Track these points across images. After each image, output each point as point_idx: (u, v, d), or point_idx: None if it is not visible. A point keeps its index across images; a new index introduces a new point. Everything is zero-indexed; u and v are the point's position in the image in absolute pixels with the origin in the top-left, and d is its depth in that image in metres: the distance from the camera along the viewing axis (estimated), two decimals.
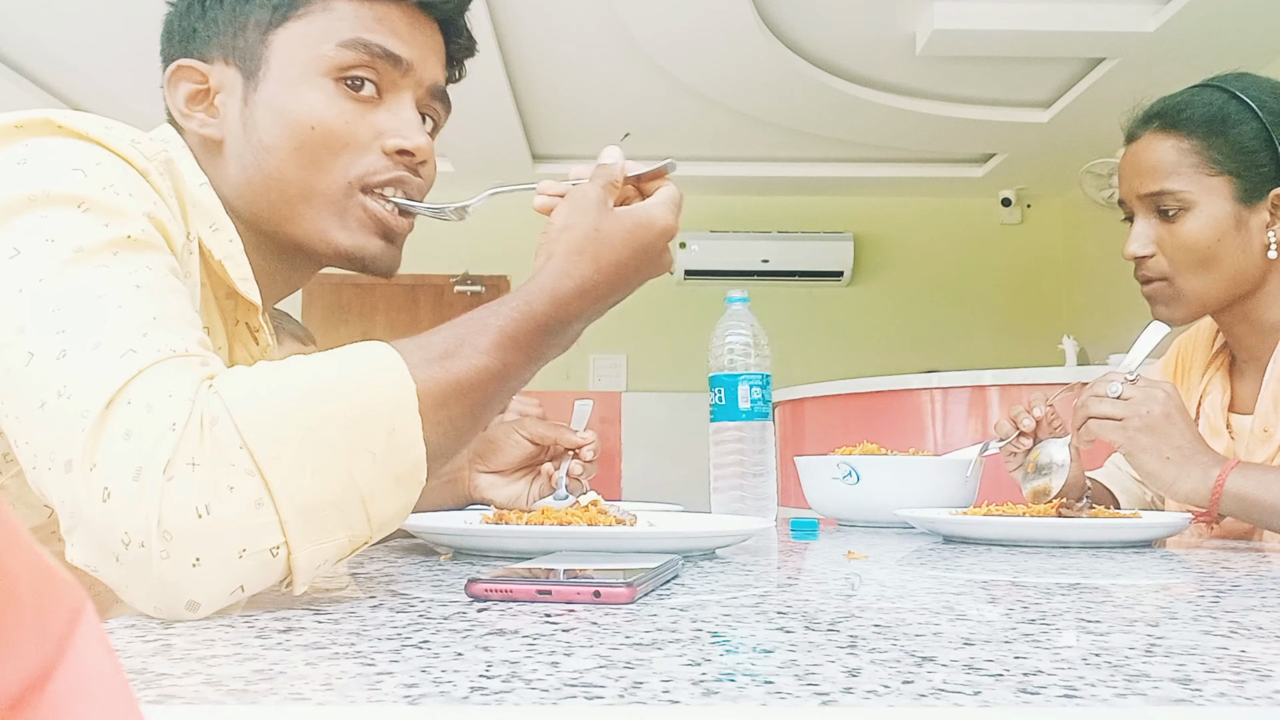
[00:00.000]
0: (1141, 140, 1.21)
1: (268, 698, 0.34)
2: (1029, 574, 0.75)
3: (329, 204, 0.77)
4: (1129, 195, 1.22)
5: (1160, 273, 1.19)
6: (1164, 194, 1.17)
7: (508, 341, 0.62)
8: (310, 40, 0.77)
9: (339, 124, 0.76)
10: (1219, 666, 0.39)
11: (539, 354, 0.65)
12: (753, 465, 1.18)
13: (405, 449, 0.55)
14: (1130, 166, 1.22)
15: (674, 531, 0.83)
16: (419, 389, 0.57)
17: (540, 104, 4.45)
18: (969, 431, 3.17)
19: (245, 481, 0.51)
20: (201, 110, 0.79)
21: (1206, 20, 3.34)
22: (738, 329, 1.21)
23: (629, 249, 0.68)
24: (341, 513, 0.53)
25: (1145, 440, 1.06)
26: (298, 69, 0.76)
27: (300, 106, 0.76)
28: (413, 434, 0.56)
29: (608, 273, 0.67)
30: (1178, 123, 1.18)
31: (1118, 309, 4.95)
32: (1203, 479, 1.04)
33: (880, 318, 5.58)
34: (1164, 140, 1.18)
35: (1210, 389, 1.27)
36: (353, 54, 0.77)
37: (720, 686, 0.35)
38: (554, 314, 0.65)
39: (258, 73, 0.77)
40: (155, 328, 0.55)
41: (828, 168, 5.17)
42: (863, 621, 0.50)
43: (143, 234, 0.61)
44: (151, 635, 0.45)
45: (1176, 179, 1.16)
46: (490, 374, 0.61)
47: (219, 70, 0.78)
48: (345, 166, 0.77)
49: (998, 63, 3.86)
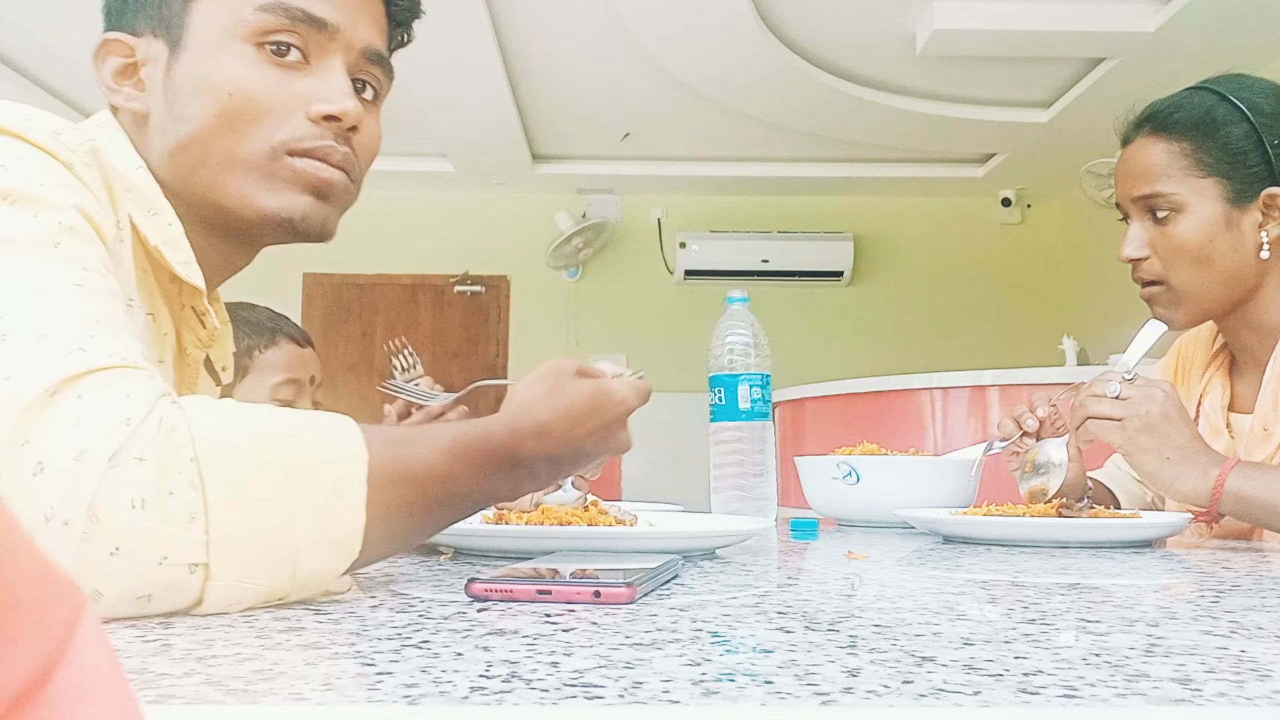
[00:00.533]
0: (1134, 144, 1.22)
1: (268, 698, 0.34)
2: (1029, 574, 0.75)
3: (252, 169, 0.75)
4: (1123, 198, 1.23)
5: (1156, 275, 1.20)
6: (1155, 196, 1.18)
7: (459, 450, 0.61)
8: (229, 5, 0.75)
9: (259, 90, 0.74)
10: (1219, 666, 0.39)
11: (486, 478, 0.63)
12: (753, 465, 1.18)
13: (346, 513, 0.54)
14: (1124, 170, 1.23)
15: (674, 531, 0.83)
16: (370, 461, 0.56)
17: (540, 104, 4.45)
18: (969, 431, 3.17)
19: (187, 493, 0.50)
20: (129, 84, 0.77)
21: (1206, 20, 3.34)
22: (738, 329, 1.21)
23: (587, 409, 0.67)
24: (270, 557, 0.52)
25: (1145, 440, 1.06)
26: (217, 35, 0.74)
27: (218, 73, 0.74)
28: (356, 500, 0.55)
29: (563, 424, 0.66)
30: (1168, 125, 1.19)
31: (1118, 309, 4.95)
32: (1202, 479, 1.04)
33: (880, 318, 5.58)
34: (1155, 143, 1.20)
35: (1210, 388, 1.28)
36: (271, 17, 0.74)
37: (720, 686, 0.35)
38: (508, 442, 0.63)
39: (179, 41, 0.75)
40: (101, 331, 0.55)
41: (828, 168, 5.17)
42: (863, 621, 0.50)
43: (74, 223, 0.60)
44: (151, 635, 0.45)
45: (1167, 181, 1.17)
46: (436, 474, 0.60)
47: (146, 42, 0.77)
48: (268, 133, 0.74)
49: (998, 63, 3.87)
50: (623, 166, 5.18)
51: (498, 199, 5.47)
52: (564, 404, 0.66)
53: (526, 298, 5.56)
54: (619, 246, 5.59)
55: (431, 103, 4.18)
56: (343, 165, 0.78)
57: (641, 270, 5.59)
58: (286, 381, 1.55)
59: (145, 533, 0.49)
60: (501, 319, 5.59)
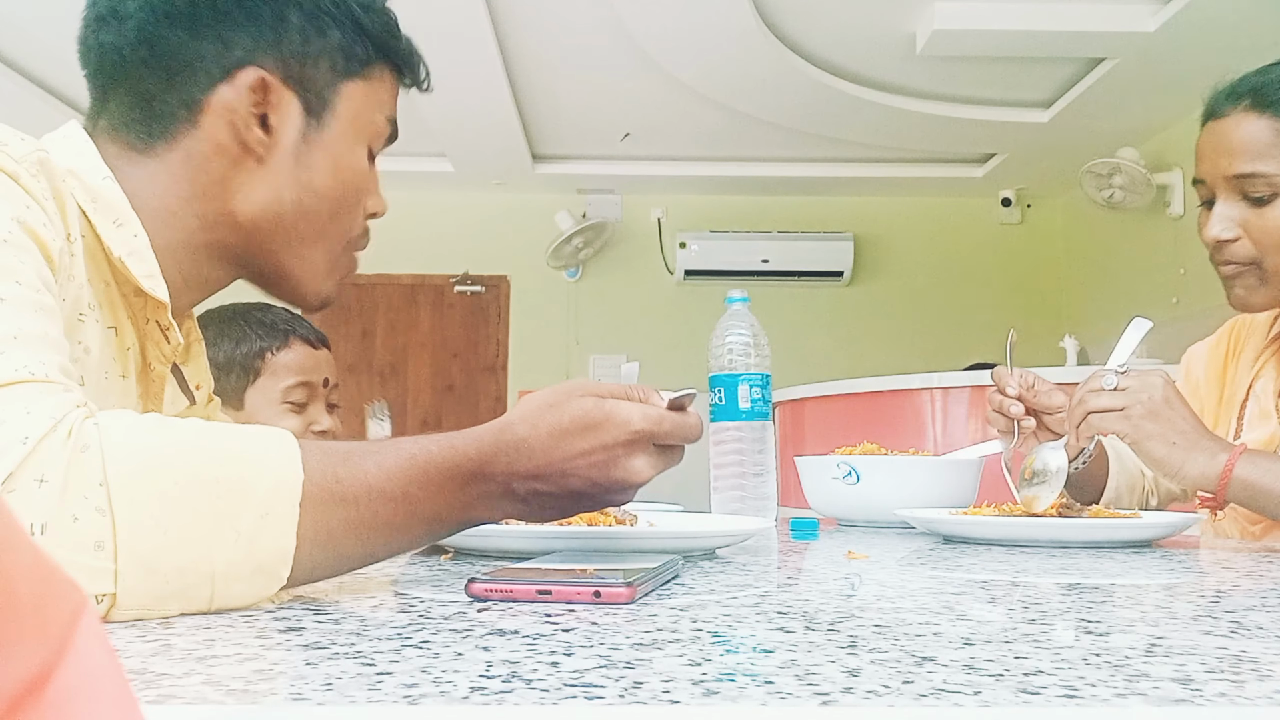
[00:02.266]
0: (1229, 119, 1.15)
1: (268, 698, 0.34)
2: (1029, 574, 0.75)
3: (329, 253, 0.83)
4: (1212, 175, 1.16)
5: (1247, 257, 1.15)
6: (1255, 176, 1.12)
7: (416, 469, 0.57)
8: (371, 104, 0.82)
9: (366, 189, 0.83)
10: (1219, 666, 0.39)
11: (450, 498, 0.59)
12: (753, 465, 1.18)
13: (273, 537, 0.51)
14: (1215, 146, 1.16)
15: (674, 531, 0.83)
16: (306, 481, 0.53)
17: (540, 104, 4.45)
18: (969, 431, 3.17)
19: (93, 519, 0.47)
20: (258, 125, 0.77)
21: (1206, 20, 3.34)
22: (738, 329, 1.21)
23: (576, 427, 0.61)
24: (184, 584, 0.49)
25: (1151, 426, 1.07)
26: (357, 128, 0.81)
27: (354, 166, 0.81)
28: (285, 524, 0.52)
29: (544, 441, 0.60)
30: (1272, 103, 1.12)
31: (1118, 309, 4.95)
32: (1210, 463, 1.04)
33: (880, 318, 5.58)
34: (1255, 120, 1.12)
35: (1264, 372, 1.25)
36: (388, 131, 0.85)
37: (720, 686, 0.35)
38: (475, 459, 0.59)
39: (322, 116, 0.79)
40: (15, 346, 0.53)
41: (828, 168, 5.17)
42: (863, 621, 0.50)
43: (7, 236, 0.58)
44: (151, 635, 0.45)
45: (1270, 161, 1.11)
46: (384, 495, 0.56)
47: (279, 91, 0.77)
48: (349, 220, 0.83)
49: (998, 63, 3.87)
50: (623, 166, 5.18)
51: (498, 199, 5.47)
52: (550, 420, 0.61)
53: (526, 298, 5.56)
54: (619, 246, 5.58)
55: (431, 103, 4.17)
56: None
57: (641, 270, 5.59)
58: (299, 384, 1.54)
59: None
60: (501, 319, 5.59)
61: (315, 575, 0.56)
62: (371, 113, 0.82)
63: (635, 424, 0.62)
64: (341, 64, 0.79)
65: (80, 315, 0.68)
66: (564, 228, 5.33)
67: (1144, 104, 4.06)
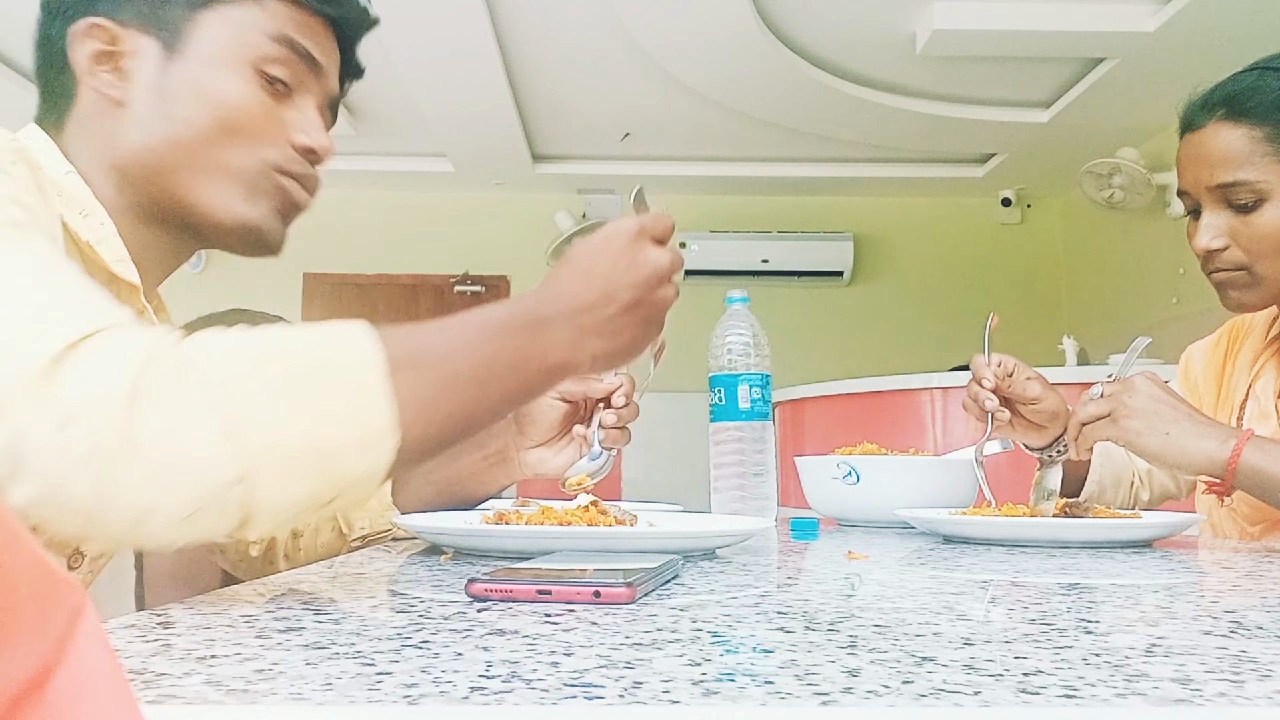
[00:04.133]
0: (1206, 129, 1.16)
1: (268, 698, 0.34)
2: (1029, 574, 0.75)
3: (238, 179, 0.81)
4: (1195, 187, 1.17)
5: (1237, 263, 1.16)
6: (1238, 185, 1.13)
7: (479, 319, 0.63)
8: (240, 27, 0.81)
9: (258, 112, 0.81)
10: (1219, 666, 0.39)
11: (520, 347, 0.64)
12: (753, 465, 1.18)
13: (372, 407, 0.55)
14: (1196, 158, 1.17)
15: (674, 531, 0.83)
16: (388, 351, 0.56)
17: (540, 104, 4.45)
18: (969, 431, 3.17)
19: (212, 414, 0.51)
20: (107, 70, 0.80)
21: (1206, 20, 3.34)
22: (738, 329, 1.21)
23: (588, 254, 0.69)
24: (306, 461, 0.53)
25: (1138, 425, 1.07)
26: (224, 52, 0.81)
27: (224, 89, 0.80)
28: (379, 394, 0.55)
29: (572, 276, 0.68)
30: (1246, 110, 1.13)
31: (1118, 309, 4.95)
32: (1219, 448, 1.03)
33: (880, 318, 5.58)
34: (1232, 129, 1.13)
35: (1264, 372, 1.26)
36: (280, 49, 0.82)
37: (720, 686, 0.35)
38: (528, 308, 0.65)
39: (177, 46, 0.80)
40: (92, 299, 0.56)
41: (828, 168, 5.17)
42: (863, 621, 0.50)
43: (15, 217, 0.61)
44: (151, 635, 0.45)
45: (1251, 169, 1.12)
46: (461, 344, 0.61)
47: (132, 36, 0.80)
48: (258, 151, 0.82)
49: (998, 63, 3.87)
50: (623, 166, 5.18)
51: (498, 199, 5.47)
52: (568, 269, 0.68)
53: None
54: None
55: (431, 103, 4.17)
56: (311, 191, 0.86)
57: None
58: None
59: (181, 455, 0.50)
60: None
61: (427, 441, 0.58)
62: (243, 34, 0.81)
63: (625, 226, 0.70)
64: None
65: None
66: (564, 228, 5.33)
67: (1144, 104, 4.06)
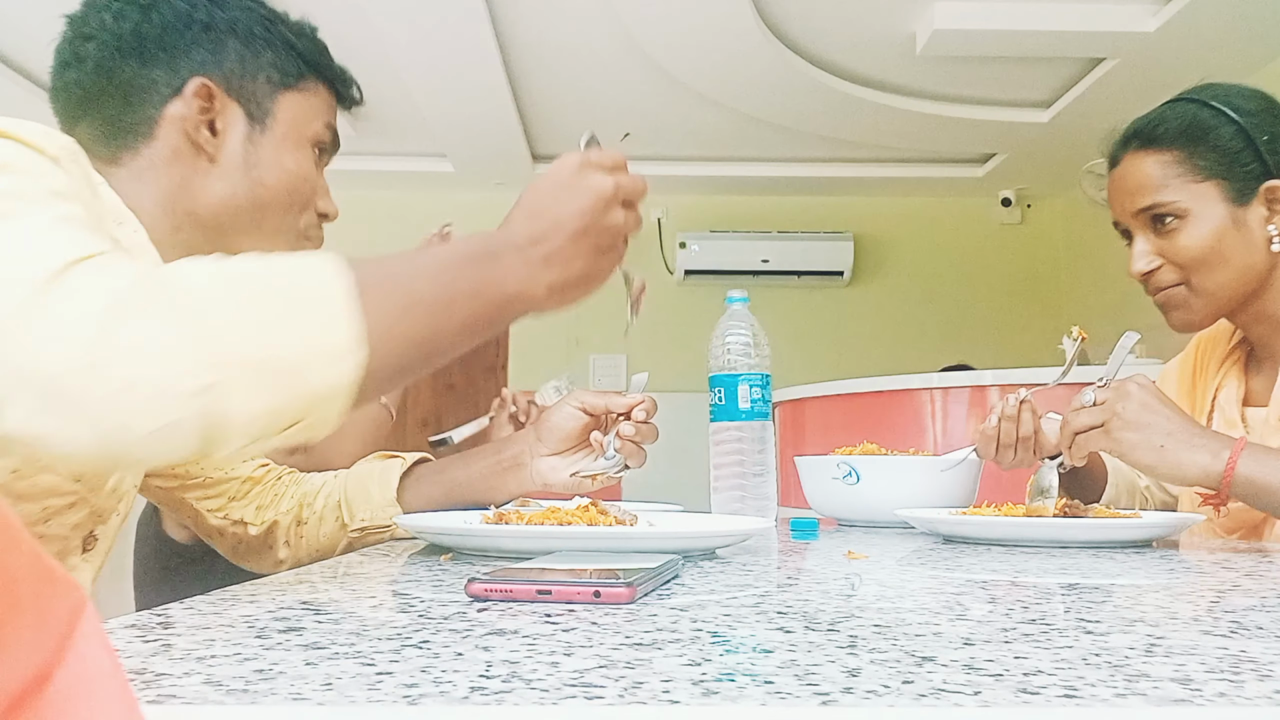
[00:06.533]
0: (1124, 162, 1.24)
1: (268, 698, 0.33)
2: (1029, 574, 0.75)
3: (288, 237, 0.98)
4: (1122, 216, 1.25)
5: (1173, 280, 1.21)
6: (1156, 207, 1.20)
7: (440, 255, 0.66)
8: (308, 112, 0.98)
9: (313, 184, 0.99)
10: (1219, 666, 0.39)
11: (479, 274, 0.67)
12: (753, 465, 1.18)
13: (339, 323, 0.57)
14: (1118, 188, 1.25)
15: (674, 531, 0.83)
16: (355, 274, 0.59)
17: (540, 104, 4.45)
18: (969, 431, 3.17)
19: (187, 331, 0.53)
20: (205, 128, 0.92)
21: (1206, 20, 3.34)
22: (738, 329, 1.21)
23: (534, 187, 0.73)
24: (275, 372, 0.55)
25: (1132, 437, 1.07)
26: (298, 132, 0.97)
27: (299, 163, 0.97)
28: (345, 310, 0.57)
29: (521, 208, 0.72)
30: (1155, 138, 1.21)
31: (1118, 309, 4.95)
32: (1213, 460, 1.04)
33: (880, 318, 5.58)
34: (1146, 157, 1.22)
35: (1226, 382, 1.28)
36: (329, 135, 1.02)
37: (720, 686, 0.35)
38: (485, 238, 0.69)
39: (264, 121, 0.95)
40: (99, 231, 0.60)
41: (828, 168, 5.17)
42: (863, 621, 0.50)
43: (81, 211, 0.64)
44: (151, 635, 0.45)
45: (1166, 191, 1.19)
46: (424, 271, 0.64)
47: (222, 100, 0.93)
48: (301, 215, 0.99)
49: (998, 63, 3.86)
50: None
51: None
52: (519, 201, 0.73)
53: None
54: None
55: (431, 103, 4.17)
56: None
57: (641, 270, 5.54)
58: None
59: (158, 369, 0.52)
60: None
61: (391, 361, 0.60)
62: (310, 119, 0.98)
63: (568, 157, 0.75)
64: (278, 78, 0.96)
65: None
66: None
67: (1144, 104, 4.02)
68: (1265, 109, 1.19)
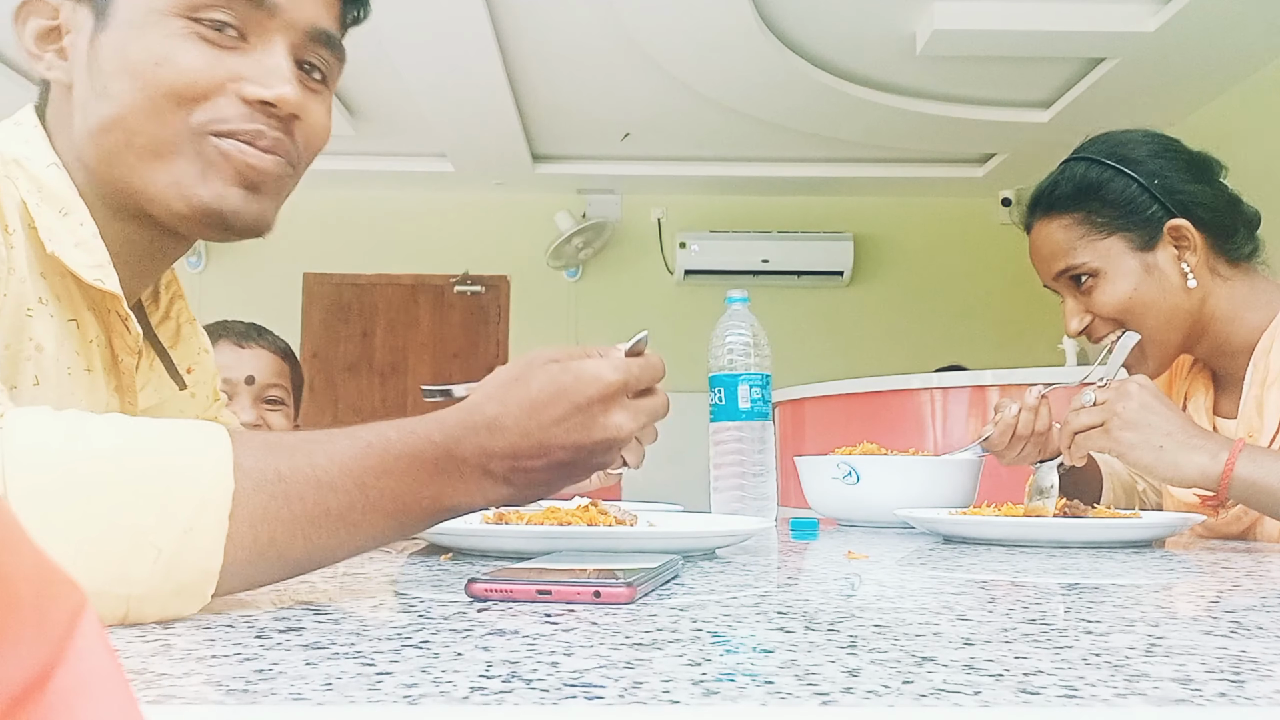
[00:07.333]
0: (1036, 230, 1.29)
1: (268, 698, 0.33)
2: (1029, 574, 0.75)
3: (177, 155, 0.69)
4: (1047, 280, 1.30)
5: (1110, 329, 1.24)
6: (1070, 269, 1.24)
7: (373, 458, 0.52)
8: None
9: (186, 67, 0.68)
10: (1219, 666, 0.39)
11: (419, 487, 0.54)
12: (753, 465, 1.18)
13: (199, 555, 0.47)
14: (1034, 257, 1.30)
15: (674, 531, 0.83)
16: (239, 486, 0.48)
17: (540, 104, 4.45)
18: (969, 431, 3.17)
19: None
20: (52, 51, 0.72)
21: (1206, 20, 3.34)
22: (738, 329, 1.21)
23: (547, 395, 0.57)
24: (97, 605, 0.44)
25: (1131, 437, 1.07)
26: (147, 8, 0.69)
27: (145, 49, 0.68)
28: (212, 539, 0.47)
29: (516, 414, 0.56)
30: (1054, 204, 1.26)
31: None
32: (1211, 462, 1.04)
33: (880, 318, 5.58)
34: (1050, 223, 1.26)
35: (1194, 391, 1.30)
36: None
37: (720, 686, 0.35)
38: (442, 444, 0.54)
39: (105, 11, 0.70)
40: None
41: (828, 168, 5.17)
42: (863, 621, 0.50)
43: None
44: (151, 635, 0.45)
45: (1075, 254, 1.23)
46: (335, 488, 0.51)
47: (70, 7, 0.71)
48: (191, 113, 0.69)
49: (998, 63, 3.87)
50: (623, 166, 5.18)
51: (498, 199, 5.47)
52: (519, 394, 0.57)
53: (526, 298, 5.55)
54: (619, 246, 5.58)
55: (431, 103, 4.18)
56: (275, 149, 0.72)
57: (641, 270, 5.59)
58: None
59: None
60: (501, 319, 5.59)
61: (257, 582, 0.51)
62: None
63: (606, 377, 0.59)
64: None
65: (28, 310, 0.65)
66: (564, 228, 5.33)
67: (1144, 104, 4.05)
68: (1155, 153, 1.22)
